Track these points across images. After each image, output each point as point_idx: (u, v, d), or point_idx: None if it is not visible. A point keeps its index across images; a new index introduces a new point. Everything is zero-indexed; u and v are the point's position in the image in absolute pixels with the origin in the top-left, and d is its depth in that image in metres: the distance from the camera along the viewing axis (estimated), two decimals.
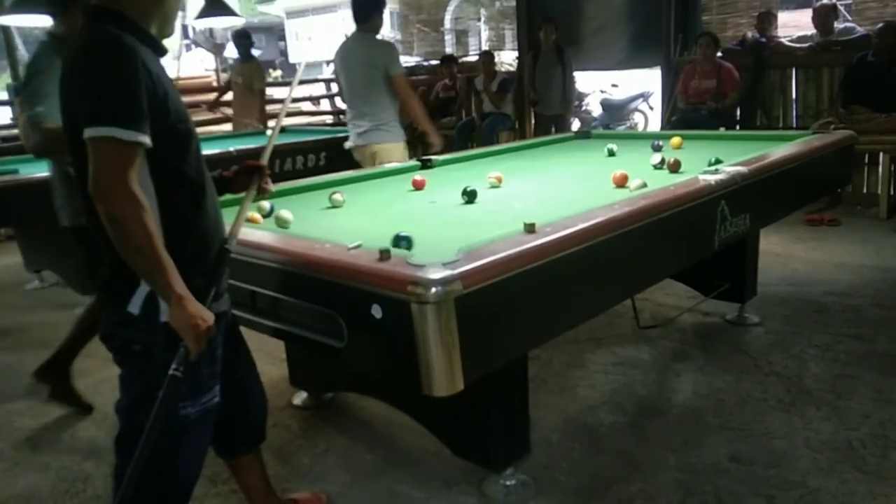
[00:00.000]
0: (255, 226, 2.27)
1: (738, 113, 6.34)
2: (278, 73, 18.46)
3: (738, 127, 6.19)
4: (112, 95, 1.39)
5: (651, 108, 9.71)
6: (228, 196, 1.95)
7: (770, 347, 3.21)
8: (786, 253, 4.67)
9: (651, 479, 2.27)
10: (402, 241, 1.89)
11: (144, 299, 1.50)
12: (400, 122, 4.29)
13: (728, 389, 2.83)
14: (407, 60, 12.14)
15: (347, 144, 4.40)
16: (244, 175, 1.88)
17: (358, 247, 1.80)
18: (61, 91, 1.50)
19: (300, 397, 2.93)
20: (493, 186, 2.88)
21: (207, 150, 2.36)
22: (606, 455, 2.43)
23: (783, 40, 6.49)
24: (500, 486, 2.24)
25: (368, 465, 2.47)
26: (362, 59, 4.18)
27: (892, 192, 5.60)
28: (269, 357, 3.18)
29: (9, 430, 2.85)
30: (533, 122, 7.52)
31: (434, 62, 9.21)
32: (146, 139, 1.41)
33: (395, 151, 4.19)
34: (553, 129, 6.98)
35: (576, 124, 8.19)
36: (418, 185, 2.96)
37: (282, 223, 2.30)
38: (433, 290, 1.51)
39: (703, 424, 2.58)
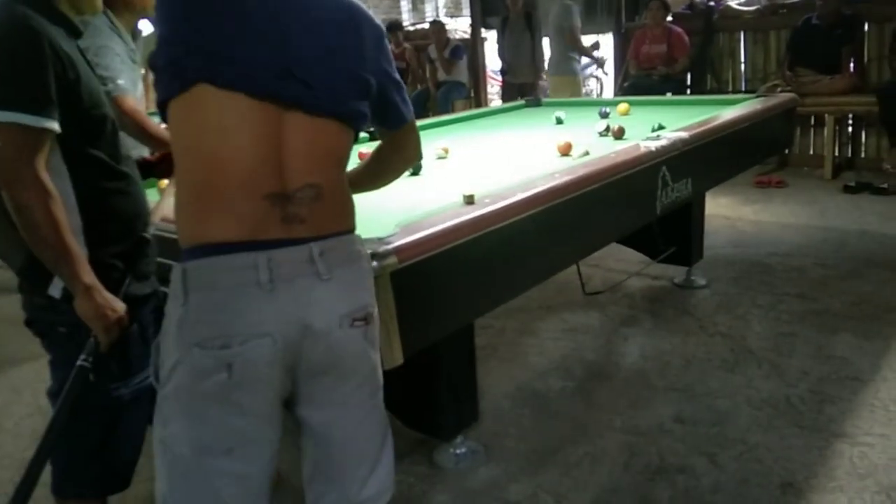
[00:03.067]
0: None
1: (689, 77, 6.39)
2: None
3: (688, 91, 6.25)
4: (17, 80, 1.34)
5: (606, 74, 9.73)
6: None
7: (715, 309, 3.28)
8: (734, 215, 4.76)
9: (598, 441, 2.32)
10: None
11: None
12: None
13: (674, 351, 2.89)
14: None
15: (543, 75, 6.79)
16: (168, 161, 1.84)
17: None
18: None
19: None
20: (440, 157, 2.87)
21: None
22: (555, 420, 2.48)
23: (731, 4, 6.54)
24: (451, 454, 2.27)
25: None
26: (554, 17, 6.48)
27: (836, 154, 5.73)
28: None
29: None
30: (491, 89, 7.46)
31: None
32: (54, 125, 1.37)
33: (566, 83, 6.49)
34: (521, 98, 6.88)
35: None
36: (365, 158, 2.92)
37: None
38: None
39: (649, 387, 2.64)
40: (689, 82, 6.40)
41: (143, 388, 1.63)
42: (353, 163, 2.82)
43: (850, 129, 5.89)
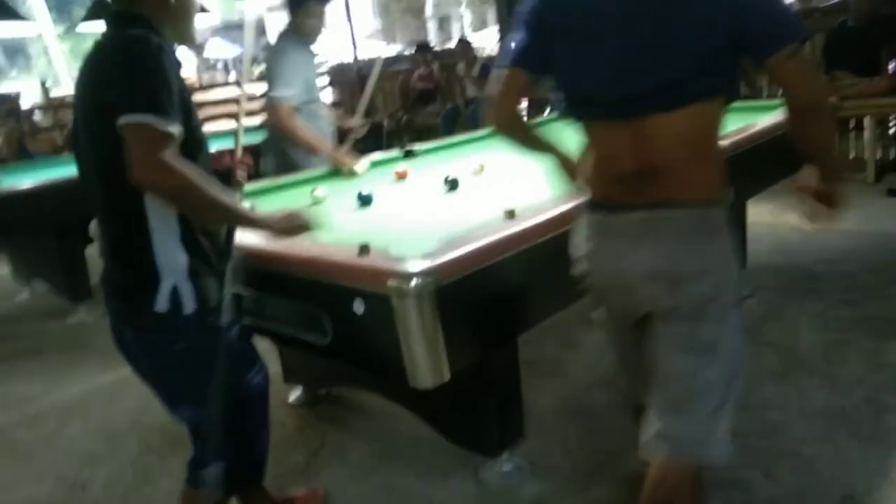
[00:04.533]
0: None
1: None
2: (263, 66, 18.31)
3: None
4: (150, 88, 1.42)
5: None
6: None
7: (762, 318, 3.21)
8: (776, 222, 4.67)
9: None
10: (361, 198, 2.51)
11: (170, 293, 1.52)
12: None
13: None
14: (388, 50, 12.09)
15: None
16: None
17: None
18: (88, 86, 1.52)
19: (294, 394, 2.93)
20: (477, 173, 2.87)
21: None
22: (601, 434, 2.44)
23: None
24: (497, 471, 2.24)
25: (364, 459, 2.47)
26: None
27: (879, 156, 5.60)
28: (262, 354, 3.17)
29: (4, 442, 2.85)
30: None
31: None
32: (178, 130, 1.44)
33: None
34: (547, 112, 6.86)
35: None
36: (401, 176, 2.94)
37: (318, 201, 2.63)
38: (412, 282, 1.50)
39: None
40: None
41: (267, 372, 1.87)
42: (389, 181, 2.89)
43: (891, 131, 5.76)
